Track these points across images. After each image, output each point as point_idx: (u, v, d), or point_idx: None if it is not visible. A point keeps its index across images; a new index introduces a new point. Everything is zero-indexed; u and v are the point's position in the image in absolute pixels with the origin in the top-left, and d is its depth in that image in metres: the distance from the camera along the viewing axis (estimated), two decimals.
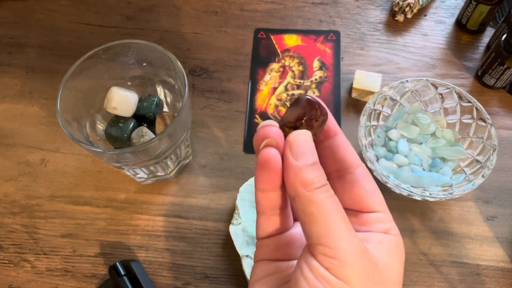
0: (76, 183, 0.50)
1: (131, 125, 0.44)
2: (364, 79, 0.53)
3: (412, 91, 0.48)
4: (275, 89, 0.56)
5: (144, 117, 0.45)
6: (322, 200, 0.20)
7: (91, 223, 0.48)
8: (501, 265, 0.45)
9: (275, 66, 0.58)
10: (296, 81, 0.56)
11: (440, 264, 0.45)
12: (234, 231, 0.44)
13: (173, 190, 0.49)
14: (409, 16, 0.61)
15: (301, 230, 0.23)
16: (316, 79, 0.57)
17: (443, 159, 0.47)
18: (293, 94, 0.56)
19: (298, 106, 0.22)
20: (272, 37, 0.60)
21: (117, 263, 0.42)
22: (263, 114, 0.54)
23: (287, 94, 0.56)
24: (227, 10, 0.63)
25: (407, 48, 0.59)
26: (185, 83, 0.40)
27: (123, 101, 0.43)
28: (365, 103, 0.50)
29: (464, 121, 0.48)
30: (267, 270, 0.23)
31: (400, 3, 0.60)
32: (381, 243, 0.21)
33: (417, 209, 0.47)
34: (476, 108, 0.46)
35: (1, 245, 0.47)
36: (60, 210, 0.48)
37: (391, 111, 0.49)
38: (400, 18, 0.61)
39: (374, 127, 0.48)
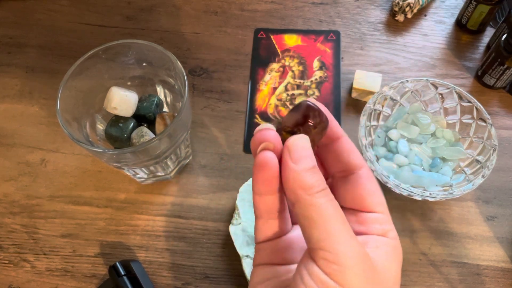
0: (76, 183, 0.50)
1: (131, 125, 0.44)
2: (364, 79, 0.53)
3: (412, 91, 0.48)
4: (275, 89, 0.56)
5: (144, 117, 0.45)
6: (322, 204, 0.20)
7: (91, 223, 0.48)
8: (501, 265, 0.45)
9: (275, 66, 0.58)
10: (296, 81, 0.56)
11: (440, 264, 0.45)
12: (234, 231, 0.44)
13: (173, 190, 0.49)
14: (409, 16, 0.61)
15: (300, 234, 0.23)
16: (316, 79, 0.56)
17: (443, 159, 0.47)
18: (293, 94, 0.56)
19: (298, 112, 0.21)
20: (272, 37, 0.60)
21: (117, 263, 0.42)
22: (263, 114, 0.54)
23: (287, 94, 0.56)
24: (227, 10, 0.63)
25: (407, 48, 0.59)
26: (185, 83, 0.40)
27: (123, 101, 0.43)
28: (365, 103, 0.50)
29: (464, 121, 0.48)
30: (266, 275, 0.23)
31: (400, 3, 0.60)
32: (379, 247, 0.21)
33: (417, 209, 0.47)
34: (476, 108, 0.46)
35: (1, 245, 0.47)
36: (60, 210, 0.48)
37: (391, 111, 0.49)
38: (400, 18, 0.61)
39: (374, 127, 0.48)
